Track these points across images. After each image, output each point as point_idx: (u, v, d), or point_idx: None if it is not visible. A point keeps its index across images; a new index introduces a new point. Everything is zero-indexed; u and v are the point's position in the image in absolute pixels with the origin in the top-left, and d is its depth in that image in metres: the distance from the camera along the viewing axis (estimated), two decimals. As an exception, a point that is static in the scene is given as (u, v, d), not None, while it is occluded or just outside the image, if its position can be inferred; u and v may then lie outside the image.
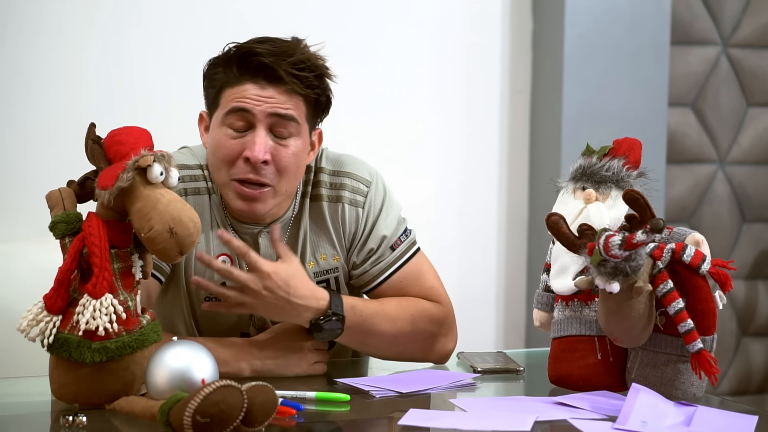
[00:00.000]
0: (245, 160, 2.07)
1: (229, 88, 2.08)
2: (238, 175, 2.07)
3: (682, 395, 1.91)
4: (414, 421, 1.75)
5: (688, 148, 3.86)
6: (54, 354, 1.76)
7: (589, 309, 2.01)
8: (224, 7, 3.27)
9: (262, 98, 2.06)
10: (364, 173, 2.22)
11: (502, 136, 3.63)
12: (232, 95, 2.08)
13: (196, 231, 1.74)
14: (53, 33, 3.11)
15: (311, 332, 2.09)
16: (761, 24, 3.89)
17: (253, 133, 2.07)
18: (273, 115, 2.07)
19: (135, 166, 1.73)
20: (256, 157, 2.05)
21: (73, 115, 3.10)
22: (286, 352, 2.08)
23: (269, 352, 2.08)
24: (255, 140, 2.06)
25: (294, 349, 2.09)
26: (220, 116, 2.09)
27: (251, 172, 2.07)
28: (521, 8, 3.61)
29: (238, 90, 2.07)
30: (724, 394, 3.90)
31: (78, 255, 1.74)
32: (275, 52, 2.07)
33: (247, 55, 2.07)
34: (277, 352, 2.08)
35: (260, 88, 2.07)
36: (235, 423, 1.60)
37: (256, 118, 2.07)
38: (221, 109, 2.09)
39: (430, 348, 2.20)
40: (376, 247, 2.21)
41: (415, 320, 2.18)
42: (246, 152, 2.06)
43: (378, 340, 2.15)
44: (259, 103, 2.06)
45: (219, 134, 2.08)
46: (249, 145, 2.06)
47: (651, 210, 1.81)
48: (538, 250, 3.60)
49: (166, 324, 2.12)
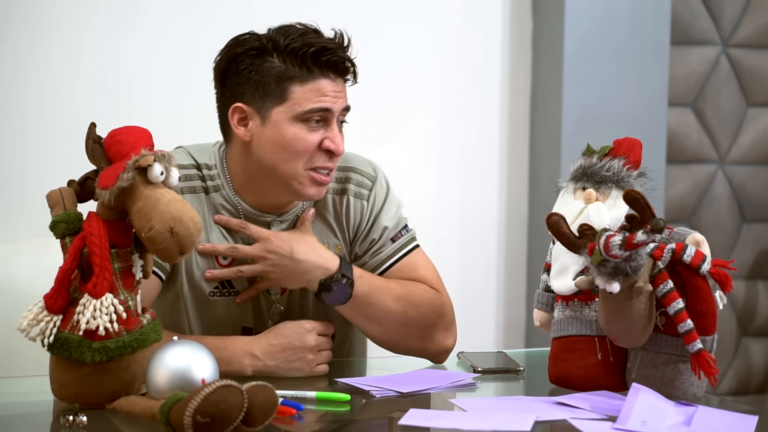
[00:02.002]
0: (326, 152, 2.12)
1: (299, 84, 2.09)
2: (317, 164, 2.12)
3: (683, 395, 1.91)
4: (414, 421, 1.75)
5: (688, 148, 3.86)
6: (54, 354, 1.76)
7: (589, 309, 2.01)
8: (224, 7, 3.27)
9: (336, 93, 2.12)
10: (369, 169, 2.27)
11: (502, 136, 3.63)
12: (309, 93, 2.10)
13: (197, 230, 1.74)
14: (53, 33, 3.11)
15: (319, 294, 2.12)
16: (761, 24, 3.89)
17: (330, 126, 2.12)
18: (344, 109, 2.15)
19: (135, 165, 1.73)
20: (340, 150, 2.12)
21: (74, 114, 3.10)
22: (289, 353, 2.09)
23: (272, 352, 2.08)
24: (335, 133, 2.13)
25: (297, 349, 2.09)
26: (294, 112, 2.10)
27: (329, 161, 2.13)
28: (521, 8, 3.61)
29: (314, 87, 2.10)
30: (724, 394, 3.90)
31: (78, 255, 1.74)
32: (339, 45, 2.12)
33: (321, 52, 2.09)
34: (281, 353, 2.08)
35: (333, 82, 2.12)
36: (235, 423, 1.60)
37: (333, 114, 2.12)
38: (293, 104, 2.09)
39: (430, 337, 2.21)
40: (377, 237, 2.24)
41: (418, 304, 2.20)
42: (329, 145, 2.11)
43: (381, 315, 2.16)
44: (335, 100, 2.11)
45: (292, 129, 2.10)
46: (330, 137, 2.11)
47: (651, 210, 1.81)
48: (538, 250, 3.60)
49: (166, 323, 2.13)
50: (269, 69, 2.09)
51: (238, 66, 2.12)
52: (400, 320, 2.18)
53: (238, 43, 2.13)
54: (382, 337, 2.21)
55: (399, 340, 2.21)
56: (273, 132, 2.11)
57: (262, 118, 2.11)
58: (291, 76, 2.09)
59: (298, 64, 2.09)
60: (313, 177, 2.12)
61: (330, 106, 2.10)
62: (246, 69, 2.11)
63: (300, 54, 2.08)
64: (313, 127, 2.11)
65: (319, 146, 2.11)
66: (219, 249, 2.12)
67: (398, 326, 2.18)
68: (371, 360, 2.29)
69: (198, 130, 3.27)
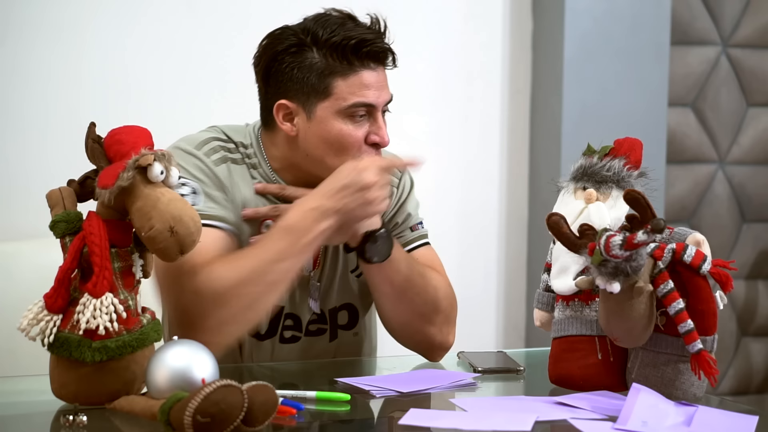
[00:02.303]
0: (373, 145, 2.15)
1: (342, 78, 2.11)
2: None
3: (683, 395, 1.91)
4: (414, 421, 1.75)
5: (688, 148, 3.86)
6: (54, 353, 1.75)
7: (589, 309, 2.01)
8: (224, 7, 3.27)
9: (379, 84, 2.13)
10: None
11: (502, 136, 3.63)
12: (352, 87, 2.11)
13: (197, 230, 1.74)
14: (54, 33, 3.11)
15: (362, 247, 2.13)
16: (761, 24, 3.89)
17: (374, 119, 2.14)
18: (388, 101, 2.16)
19: (135, 165, 1.73)
20: (386, 142, 2.16)
21: (74, 114, 3.10)
22: (347, 192, 2.08)
23: (331, 196, 2.08)
24: (380, 125, 2.15)
25: (355, 189, 2.08)
26: (338, 107, 2.11)
27: (375, 153, 2.16)
28: (521, 8, 3.61)
29: (357, 80, 2.11)
30: (725, 394, 3.90)
31: (78, 254, 1.74)
32: (377, 34, 2.12)
33: (360, 44, 2.10)
34: (338, 192, 2.08)
35: (374, 71, 2.13)
36: (235, 423, 1.60)
37: (377, 108, 2.14)
38: (337, 99, 2.11)
39: (438, 325, 2.22)
40: (400, 221, 2.29)
41: (437, 287, 2.23)
42: (375, 138, 2.14)
43: (406, 286, 2.18)
44: (379, 93, 2.13)
45: (338, 125, 2.12)
46: (375, 131, 2.14)
47: (652, 210, 1.81)
48: (538, 250, 3.60)
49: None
50: (311, 65, 2.11)
51: (279, 65, 2.13)
52: (419, 296, 2.19)
53: (276, 41, 2.14)
54: (395, 313, 2.21)
55: (410, 319, 2.21)
56: (319, 128, 2.12)
57: (307, 114, 2.13)
58: (333, 71, 2.10)
59: (339, 58, 2.10)
60: None
61: (374, 101, 2.12)
62: (288, 67, 2.12)
63: (340, 48, 2.09)
64: (358, 121, 2.13)
65: (365, 140, 2.14)
66: (261, 211, 2.15)
67: (416, 303, 2.19)
68: (372, 360, 2.29)
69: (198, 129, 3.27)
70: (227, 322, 2.04)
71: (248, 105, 3.26)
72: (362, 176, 2.08)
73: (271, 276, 2.04)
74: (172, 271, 2.01)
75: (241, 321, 2.07)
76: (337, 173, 2.09)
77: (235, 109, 3.24)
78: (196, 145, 2.16)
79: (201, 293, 2.01)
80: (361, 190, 2.08)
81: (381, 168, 2.10)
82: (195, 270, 2.01)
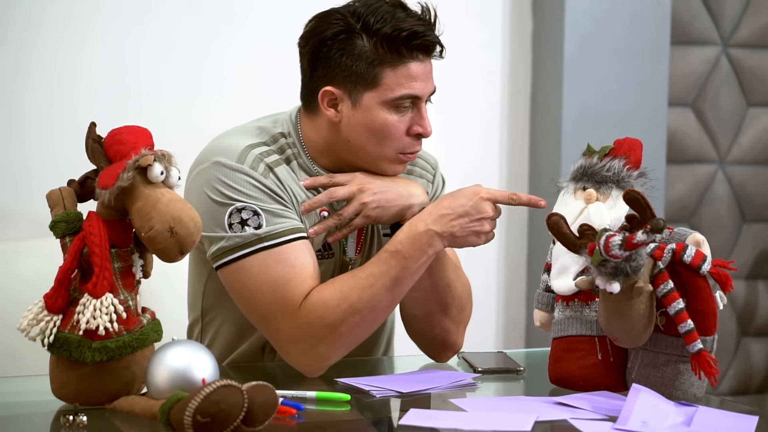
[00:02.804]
0: (416, 136, 2.15)
1: (391, 68, 2.10)
2: (408, 149, 2.15)
3: (683, 395, 1.91)
4: (414, 421, 1.75)
5: (688, 148, 3.86)
6: (54, 353, 1.75)
7: (589, 309, 2.01)
8: (224, 6, 3.27)
9: (426, 76, 2.13)
10: (431, 158, 2.35)
11: (502, 136, 3.63)
12: (399, 78, 2.10)
13: (197, 230, 1.74)
14: (54, 33, 3.11)
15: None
16: (761, 24, 3.89)
17: (418, 109, 2.14)
18: (432, 92, 2.16)
19: (135, 165, 1.73)
20: (429, 133, 2.16)
21: (74, 114, 3.10)
22: (465, 220, 2.08)
23: (445, 220, 2.08)
24: (423, 116, 2.15)
25: (473, 217, 2.09)
26: (385, 98, 2.11)
27: (418, 145, 2.17)
28: (521, 8, 3.61)
29: (405, 71, 2.11)
30: (725, 394, 3.90)
31: (78, 254, 1.74)
32: (428, 26, 2.12)
33: (411, 37, 2.09)
34: (456, 220, 2.08)
35: (422, 63, 2.13)
36: (235, 423, 1.60)
37: (422, 99, 2.14)
38: (384, 90, 2.10)
39: (455, 323, 2.23)
40: None
41: (465, 284, 2.24)
42: (418, 129, 2.14)
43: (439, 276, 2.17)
44: (425, 84, 2.13)
45: (383, 115, 2.12)
46: (418, 122, 2.14)
47: (651, 210, 1.81)
48: (538, 250, 3.60)
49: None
50: (360, 53, 2.10)
51: (329, 50, 2.12)
52: (450, 289, 2.19)
53: (325, 25, 2.12)
54: (423, 301, 2.20)
55: (435, 311, 2.21)
56: (364, 116, 2.12)
57: (353, 101, 2.12)
58: (382, 61, 2.10)
59: (389, 48, 2.10)
60: (401, 158, 2.16)
61: (419, 92, 2.12)
62: (336, 53, 2.11)
63: (390, 39, 2.09)
64: (402, 111, 2.12)
65: (408, 131, 2.14)
66: (317, 200, 2.14)
67: (445, 296, 2.19)
68: (372, 360, 2.29)
69: (198, 129, 3.27)
70: (339, 347, 2.06)
71: (248, 105, 3.26)
72: (482, 206, 2.08)
73: (385, 302, 2.07)
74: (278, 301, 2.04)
75: (352, 344, 2.09)
76: (455, 196, 2.09)
77: (235, 109, 3.25)
78: (238, 158, 2.11)
79: (314, 324, 2.04)
80: (477, 221, 2.08)
81: (498, 200, 2.10)
82: (304, 299, 2.04)
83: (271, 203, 2.09)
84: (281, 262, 2.05)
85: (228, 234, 2.06)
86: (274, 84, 3.29)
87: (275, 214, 2.08)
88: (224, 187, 2.08)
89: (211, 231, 2.07)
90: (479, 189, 2.10)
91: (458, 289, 2.22)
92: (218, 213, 2.07)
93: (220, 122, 2.40)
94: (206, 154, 2.15)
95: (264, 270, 2.05)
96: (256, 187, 2.09)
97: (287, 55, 3.41)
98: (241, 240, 2.06)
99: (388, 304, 2.08)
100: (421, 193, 2.16)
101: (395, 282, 2.06)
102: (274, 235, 2.06)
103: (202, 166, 2.13)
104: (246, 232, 2.06)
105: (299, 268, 2.05)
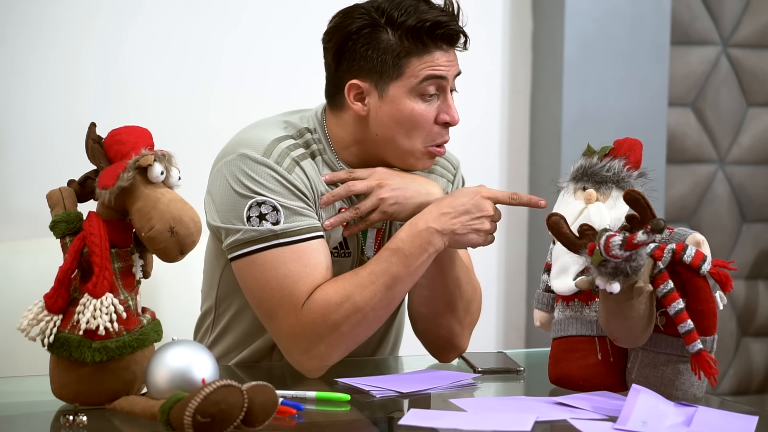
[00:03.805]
0: (443, 125, 2.15)
1: (416, 57, 2.11)
2: (437, 140, 2.16)
3: (683, 395, 1.91)
4: (414, 421, 1.75)
5: (688, 148, 3.86)
6: (54, 353, 1.75)
7: (589, 309, 2.01)
8: (224, 6, 3.27)
9: (450, 63, 2.14)
10: (454, 159, 2.35)
11: (502, 136, 3.63)
12: (423, 65, 2.11)
13: (197, 230, 1.74)
14: (54, 33, 3.11)
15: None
16: (761, 24, 3.89)
17: (444, 97, 2.15)
18: (457, 73, 2.17)
19: (135, 165, 1.73)
20: (456, 121, 2.16)
21: (74, 114, 3.10)
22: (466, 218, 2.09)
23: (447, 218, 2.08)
24: (450, 104, 2.15)
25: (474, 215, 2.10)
26: (410, 86, 2.11)
27: (446, 134, 2.17)
28: (521, 8, 3.61)
29: (430, 59, 2.11)
30: (724, 394, 3.90)
31: (78, 254, 1.74)
32: (451, 16, 2.13)
33: (435, 27, 2.10)
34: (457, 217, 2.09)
35: (446, 53, 2.14)
36: (235, 423, 1.60)
37: (448, 81, 2.14)
38: (409, 77, 2.11)
39: (462, 324, 2.23)
40: None
41: (476, 288, 2.24)
42: (445, 117, 2.15)
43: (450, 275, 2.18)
44: (449, 67, 2.14)
45: (410, 104, 2.12)
46: (445, 110, 2.15)
47: (652, 210, 1.81)
48: (538, 250, 3.60)
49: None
50: (386, 47, 2.11)
51: (354, 45, 2.12)
52: (459, 290, 2.20)
53: (349, 19, 2.13)
54: (430, 299, 2.20)
55: (443, 310, 2.21)
56: (391, 107, 2.13)
57: (379, 93, 2.13)
58: (408, 52, 2.11)
59: (413, 40, 2.10)
60: (432, 152, 2.16)
61: (444, 72, 2.12)
62: (362, 47, 2.12)
63: (415, 30, 2.10)
64: (428, 100, 2.13)
65: (435, 120, 2.14)
66: (336, 194, 2.14)
67: (454, 296, 2.20)
68: (372, 360, 2.29)
69: (198, 129, 3.27)
70: (340, 346, 2.06)
71: (248, 105, 3.26)
72: (482, 204, 2.09)
73: (386, 300, 2.07)
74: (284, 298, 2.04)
75: (353, 344, 2.09)
76: (456, 195, 2.10)
77: (235, 109, 3.25)
78: (264, 151, 2.11)
79: (316, 322, 2.04)
80: (477, 219, 2.09)
81: (498, 200, 2.11)
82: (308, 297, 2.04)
83: (292, 200, 2.09)
84: (294, 260, 2.06)
85: (245, 227, 2.07)
86: (275, 84, 3.29)
87: (294, 212, 2.08)
88: (248, 179, 2.08)
89: (230, 222, 2.08)
90: (480, 188, 2.11)
91: (467, 291, 2.22)
92: (239, 205, 2.08)
93: (220, 122, 2.41)
94: (232, 146, 2.14)
95: (275, 266, 2.06)
96: (278, 182, 2.09)
97: (287, 54, 3.41)
98: (257, 234, 2.06)
99: (389, 302, 2.07)
100: (439, 192, 2.16)
101: (396, 280, 2.06)
102: (290, 232, 2.06)
103: (228, 158, 2.12)
104: (263, 227, 2.06)
105: (311, 267, 2.05)
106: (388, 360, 2.31)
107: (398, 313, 2.32)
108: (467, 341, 2.25)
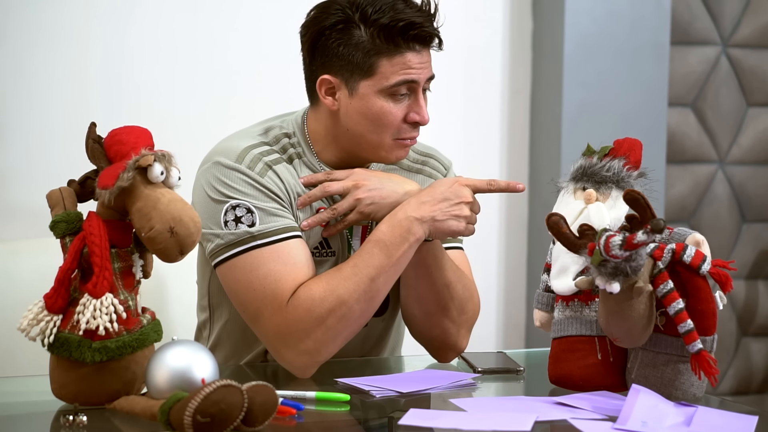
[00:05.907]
0: (412, 124, 2.16)
1: (387, 58, 2.11)
2: (403, 135, 2.17)
3: (683, 395, 1.91)
4: (414, 421, 1.75)
5: (688, 148, 3.86)
6: (54, 353, 1.75)
7: (589, 309, 2.01)
8: (224, 7, 3.27)
9: (422, 64, 2.14)
10: (445, 160, 2.36)
11: (502, 136, 3.63)
12: (395, 66, 2.12)
13: (197, 230, 1.74)
14: (54, 33, 3.11)
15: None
16: (761, 24, 3.89)
17: (415, 97, 2.15)
18: (429, 78, 2.17)
19: (135, 165, 1.73)
20: (426, 121, 2.17)
21: (74, 114, 3.10)
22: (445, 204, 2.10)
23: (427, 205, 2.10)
24: (420, 104, 2.16)
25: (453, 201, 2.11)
26: (381, 86, 2.12)
27: (414, 131, 2.18)
28: (521, 8, 3.61)
29: (401, 61, 2.12)
30: (724, 394, 3.90)
31: (78, 254, 1.74)
32: (426, 17, 2.13)
33: (408, 27, 2.10)
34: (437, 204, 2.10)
35: (419, 54, 2.14)
36: (235, 423, 1.60)
37: (419, 84, 2.15)
38: (380, 78, 2.12)
39: (457, 325, 2.22)
40: None
41: (468, 288, 2.23)
42: (414, 117, 2.16)
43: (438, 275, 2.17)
44: (421, 70, 2.14)
45: (379, 102, 2.13)
46: (416, 110, 2.15)
47: (651, 210, 1.81)
48: (538, 250, 3.60)
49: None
50: (357, 43, 2.11)
51: (327, 40, 2.13)
52: (449, 290, 2.19)
53: (324, 14, 2.14)
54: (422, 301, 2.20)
55: (435, 311, 2.20)
56: (360, 104, 2.14)
57: (349, 90, 2.14)
58: (378, 51, 2.11)
59: (385, 39, 2.11)
60: (400, 144, 2.18)
61: (416, 77, 2.13)
62: (334, 42, 2.13)
63: (387, 29, 2.10)
64: (399, 99, 2.14)
65: (404, 118, 2.15)
66: (313, 194, 2.15)
67: (444, 296, 2.19)
68: (372, 360, 2.29)
69: (198, 129, 3.27)
70: (327, 342, 2.07)
71: (248, 104, 3.26)
72: (460, 191, 2.10)
73: (371, 293, 2.07)
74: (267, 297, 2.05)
75: (341, 339, 2.09)
76: (434, 186, 2.12)
77: (235, 109, 3.25)
78: (236, 157, 2.13)
79: (302, 318, 2.04)
80: (456, 205, 2.10)
81: (477, 187, 2.12)
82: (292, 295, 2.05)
83: (266, 201, 2.10)
84: (273, 259, 2.07)
85: (223, 231, 2.09)
86: (274, 83, 3.29)
87: (269, 213, 2.10)
88: (221, 185, 2.11)
89: (209, 229, 2.10)
90: (458, 178, 2.13)
91: (459, 290, 2.21)
92: (215, 211, 2.10)
93: (220, 122, 2.41)
94: (209, 155, 2.18)
95: (256, 267, 2.07)
96: (251, 185, 2.11)
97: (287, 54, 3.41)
98: (235, 237, 2.08)
99: (374, 294, 2.08)
100: (417, 190, 2.16)
101: (379, 271, 2.07)
102: (266, 233, 2.08)
103: (204, 167, 2.16)
104: (240, 229, 2.08)
105: (291, 265, 2.06)
106: (388, 360, 2.31)
107: (398, 313, 2.32)
108: (465, 341, 2.25)
